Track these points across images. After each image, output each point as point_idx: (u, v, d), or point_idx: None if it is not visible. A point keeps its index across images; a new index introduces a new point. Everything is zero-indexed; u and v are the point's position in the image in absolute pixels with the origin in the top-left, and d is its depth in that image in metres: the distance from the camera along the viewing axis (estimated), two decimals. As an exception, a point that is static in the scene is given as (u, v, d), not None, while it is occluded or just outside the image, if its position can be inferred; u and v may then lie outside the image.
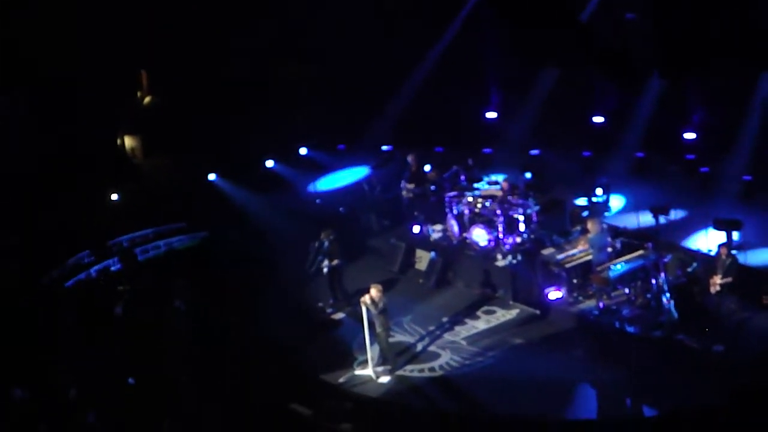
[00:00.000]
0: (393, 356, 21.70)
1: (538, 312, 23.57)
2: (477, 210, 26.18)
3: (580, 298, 23.48)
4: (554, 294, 23.49)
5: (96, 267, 27.38)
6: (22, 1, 28.78)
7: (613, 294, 22.82)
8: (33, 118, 30.04)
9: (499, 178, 27.13)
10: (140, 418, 19.44)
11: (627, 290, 22.58)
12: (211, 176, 31.52)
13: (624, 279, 22.52)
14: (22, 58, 28.74)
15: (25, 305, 24.00)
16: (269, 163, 32.29)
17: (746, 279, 22.24)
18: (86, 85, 30.19)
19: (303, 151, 33.02)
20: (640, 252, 22.71)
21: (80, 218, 28.52)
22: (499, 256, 25.32)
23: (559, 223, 26.04)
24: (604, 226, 24.69)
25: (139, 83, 34.31)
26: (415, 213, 27.94)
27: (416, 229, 27.55)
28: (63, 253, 27.45)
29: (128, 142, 34.11)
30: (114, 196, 30.48)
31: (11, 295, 24.44)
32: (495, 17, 30.03)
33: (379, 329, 21.35)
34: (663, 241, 24.21)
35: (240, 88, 32.04)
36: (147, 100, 34.55)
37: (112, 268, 27.49)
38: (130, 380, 20.78)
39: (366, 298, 21.34)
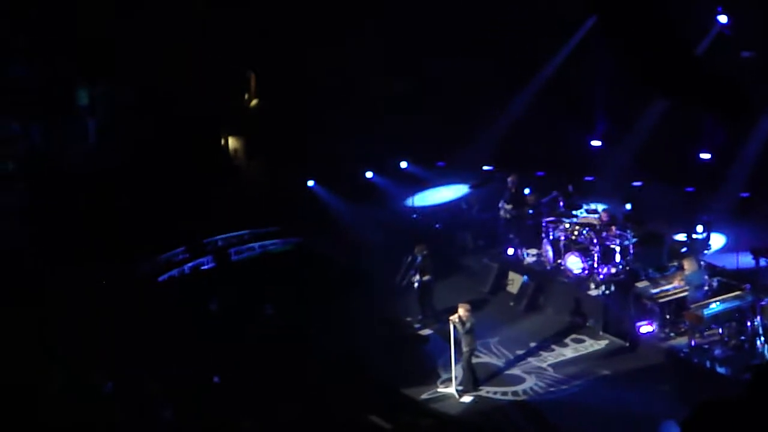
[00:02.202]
0: (473, 377, 21.55)
1: (627, 344, 23.23)
2: (573, 237, 25.99)
3: (672, 334, 23.06)
4: (646, 328, 23.14)
5: (190, 264, 27.67)
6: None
7: (705, 333, 22.35)
8: (141, 111, 30.48)
9: (599, 206, 26.84)
10: (220, 417, 19.55)
11: (721, 330, 22.12)
12: (310, 182, 31.67)
13: (718, 319, 22.07)
14: (134, 53, 29.21)
15: (118, 297, 24.32)
16: (369, 174, 32.33)
17: None
18: (197, 84, 30.56)
19: (404, 164, 33.01)
20: (737, 293, 22.30)
21: (178, 215, 28.82)
22: (592, 286, 25.06)
23: (655, 257, 25.62)
24: (702, 263, 24.27)
25: (247, 85, 34.63)
26: (511, 235, 27.78)
27: (511, 251, 27.42)
28: (159, 249, 27.81)
29: (232, 143, 34.45)
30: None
31: (104, 287, 24.80)
32: (607, 45, 29.75)
33: (464, 349, 21.25)
34: (762, 283, 23.66)
35: (347, 97, 32.14)
36: (254, 102, 34.86)
37: (205, 267, 27.75)
38: (216, 379, 20.89)
39: (454, 317, 21.28)
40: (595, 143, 32.16)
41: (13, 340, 21.50)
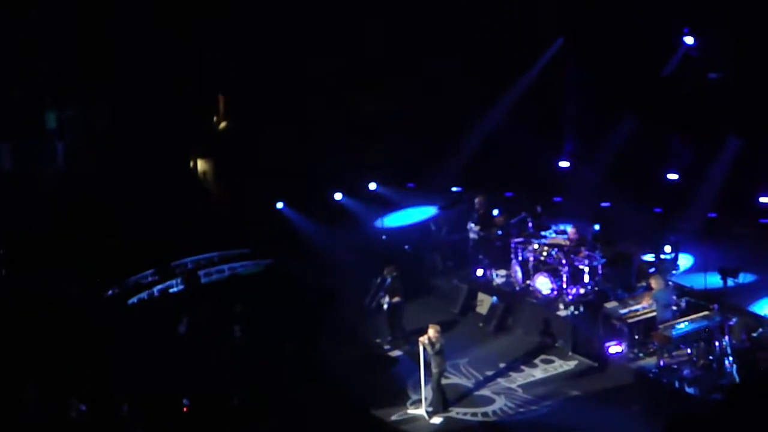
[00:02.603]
0: (443, 398, 21.53)
1: (596, 365, 23.28)
2: (542, 258, 26.04)
3: (641, 354, 23.14)
4: (614, 348, 23.20)
5: (159, 287, 27.55)
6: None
7: (674, 353, 22.46)
8: (110, 134, 30.43)
9: (567, 227, 26.91)
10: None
11: (689, 350, 22.22)
12: (279, 204, 31.62)
13: (687, 339, 22.19)
14: (103, 70, 29.18)
15: (86, 319, 24.21)
16: (338, 196, 32.30)
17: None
18: (166, 106, 30.53)
19: (373, 186, 33.00)
20: (706, 313, 22.44)
21: (146, 236, 28.73)
22: (561, 306, 25.09)
23: (624, 277, 25.73)
24: (670, 283, 24.38)
25: (216, 107, 34.61)
26: (480, 256, 27.80)
27: (480, 272, 27.43)
28: (128, 271, 27.68)
29: (201, 165, 34.39)
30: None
31: (73, 308, 24.67)
32: (574, 67, 29.90)
33: (434, 370, 21.24)
34: (729, 303, 23.78)
35: (313, 118, 32.16)
36: (222, 125, 34.83)
37: (174, 289, 27.64)
38: (185, 401, 20.82)
39: (424, 338, 21.28)
40: (563, 164, 32.26)
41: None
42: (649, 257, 27.19)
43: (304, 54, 31.35)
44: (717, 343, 21.79)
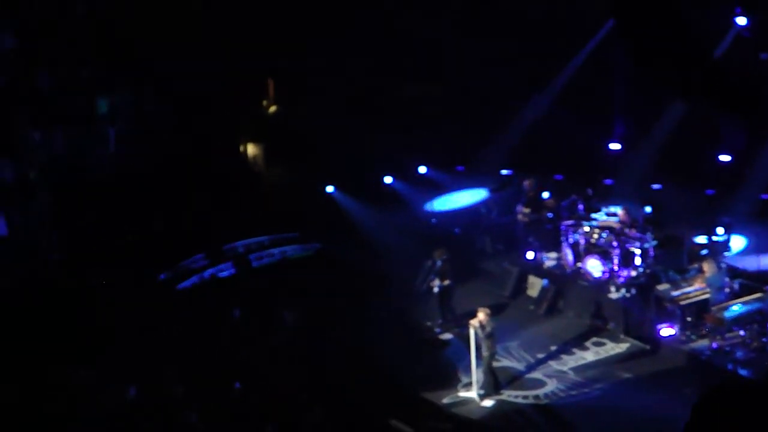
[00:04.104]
0: (494, 381, 21.55)
1: (648, 347, 23.20)
2: (593, 240, 25.94)
3: (693, 336, 23.01)
4: (667, 330, 23.09)
5: (210, 270, 27.73)
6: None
7: (727, 335, 22.32)
8: (160, 119, 30.62)
9: (618, 210, 26.78)
10: (243, 422, 19.63)
11: (742, 332, 22.08)
12: (329, 188, 31.69)
13: (740, 321, 22.06)
14: (156, 57, 29.37)
15: (139, 304, 24.44)
16: (388, 180, 32.33)
17: None
18: (216, 91, 30.65)
19: (422, 169, 32.98)
20: (759, 295, 22.28)
21: (197, 221, 28.90)
22: (613, 289, 24.99)
23: (676, 259, 25.57)
24: (723, 266, 24.20)
25: (266, 92, 34.68)
26: (530, 239, 27.75)
27: (530, 255, 27.40)
28: (178, 255, 27.88)
29: (251, 149, 34.50)
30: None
31: (126, 294, 24.90)
32: (625, 47, 29.72)
33: (485, 353, 21.26)
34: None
35: (364, 102, 32.16)
36: (272, 109, 34.91)
37: (226, 273, 27.80)
38: (237, 384, 20.97)
39: (474, 321, 21.30)
40: (614, 146, 32.09)
41: (41, 343, 21.74)
42: (701, 239, 27.00)
43: (353, 37, 31.32)
44: (771, 325, 21.67)
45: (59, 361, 21.64)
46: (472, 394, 21.48)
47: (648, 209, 27.57)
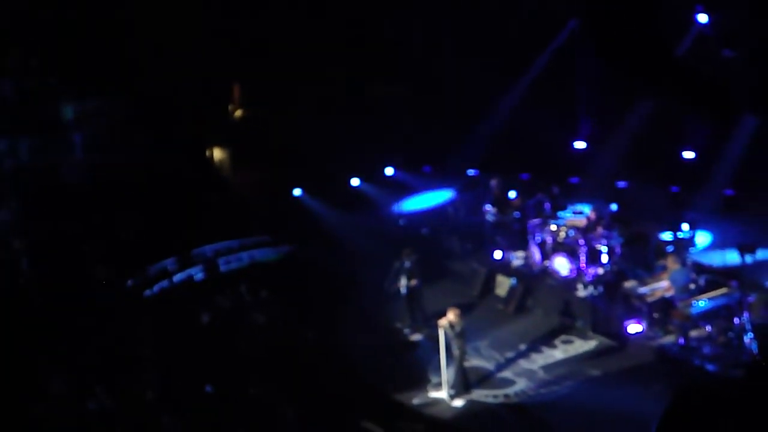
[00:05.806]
0: (464, 381, 21.62)
1: (616, 344, 23.34)
2: (560, 239, 26.12)
3: (660, 333, 23.19)
4: (634, 327, 23.24)
5: (179, 275, 27.69)
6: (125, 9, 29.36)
7: (694, 331, 22.51)
8: (127, 125, 30.53)
9: (584, 208, 26.97)
10: (215, 426, 19.63)
11: (709, 328, 22.26)
12: (297, 191, 31.70)
13: (706, 316, 22.23)
14: (122, 64, 29.30)
15: (107, 309, 24.37)
16: (355, 182, 32.38)
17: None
18: (181, 96, 30.60)
19: (389, 171, 33.06)
20: (724, 290, 22.45)
21: (166, 226, 28.83)
22: (580, 287, 25.18)
23: (642, 256, 25.78)
24: (689, 262, 24.39)
25: (231, 96, 34.65)
26: (498, 238, 27.87)
27: (498, 254, 27.51)
28: (147, 261, 27.80)
29: (217, 154, 34.46)
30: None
31: (94, 299, 24.83)
32: (589, 48, 29.90)
33: (455, 352, 21.33)
34: (748, 280, 23.80)
35: (329, 105, 32.19)
36: (238, 113, 34.88)
37: (195, 278, 27.76)
38: (208, 388, 20.95)
39: (444, 321, 21.34)
40: (579, 145, 32.26)
41: (12, 351, 21.66)
42: (667, 236, 27.20)
43: (319, 40, 31.35)
44: (736, 320, 21.83)
45: (30, 368, 21.54)
46: (443, 394, 21.54)
47: (614, 207, 27.80)
